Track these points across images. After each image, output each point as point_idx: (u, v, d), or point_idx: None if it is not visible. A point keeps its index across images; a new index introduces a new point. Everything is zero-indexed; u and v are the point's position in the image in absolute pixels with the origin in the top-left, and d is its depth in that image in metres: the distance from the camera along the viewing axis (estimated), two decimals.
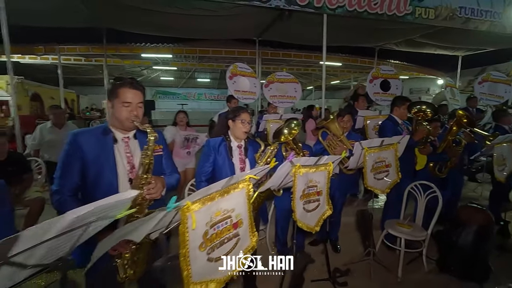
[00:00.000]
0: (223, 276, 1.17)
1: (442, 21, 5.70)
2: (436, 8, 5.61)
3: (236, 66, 5.14)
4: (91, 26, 7.84)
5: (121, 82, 1.35)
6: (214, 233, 1.13)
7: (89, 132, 1.39)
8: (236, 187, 1.22)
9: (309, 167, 1.69)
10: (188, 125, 3.89)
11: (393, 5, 5.32)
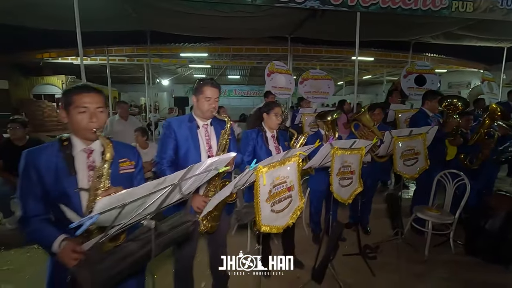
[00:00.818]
0: (281, 225, 1.58)
1: (481, 14, 5.60)
2: (475, 1, 5.52)
3: (273, 64, 5.53)
4: (138, 29, 8.67)
5: (204, 82, 1.80)
6: (275, 192, 1.55)
7: (179, 119, 1.86)
8: (290, 160, 1.62)
9: (345, 150, 2.05)
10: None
11: (428, 0, 5.35)
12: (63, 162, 1.22)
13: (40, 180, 1.18)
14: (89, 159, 1.27)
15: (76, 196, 1.21)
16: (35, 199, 1.19)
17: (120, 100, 16.99)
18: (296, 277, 2.57)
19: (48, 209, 1.22)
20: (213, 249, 2.09)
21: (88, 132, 1.22)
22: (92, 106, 1.23)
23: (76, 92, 1.23)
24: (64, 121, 1.25)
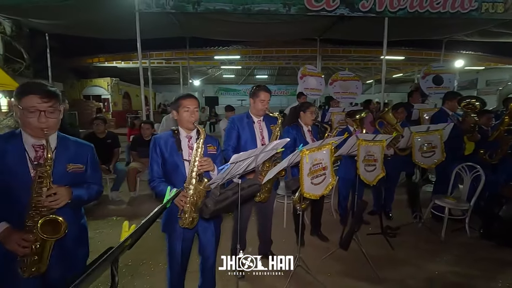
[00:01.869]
0: (318, 193, 2.15)
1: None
2: (506, 1, 5.60)
3: (305, 68, 6.06)
4: (179, 35, 9.56)
5: (260, 87, 2.39)
6: (314, 169, 2.11)
7: (240, 117, 2.48)
8: (325, 146, 2.18)
9: (368, 141, 2.56)
10: None
11: (457, 2, 5.54)
12: (174, 143, 1.89)
13: (162, 154, 1.87)
14: (189, 142, 1.93)
15: (182, 165, 1.87)
16: (158, 166, 1.88)
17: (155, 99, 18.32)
18: (325, 246, 3.11)
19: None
20: (262, 218, 2.70)
21: (189, 124, 1.87)
22: (193, 107, 1.87)
23: (183, 98, 1.89)
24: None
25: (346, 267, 2.79)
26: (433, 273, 2.71)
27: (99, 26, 7.33)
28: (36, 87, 1.34)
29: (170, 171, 1.89)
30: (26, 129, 1.37)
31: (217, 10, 5.47)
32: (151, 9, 5.46)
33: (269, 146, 1.69)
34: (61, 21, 7.18)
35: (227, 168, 1.43)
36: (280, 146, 1.77)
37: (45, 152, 1.34)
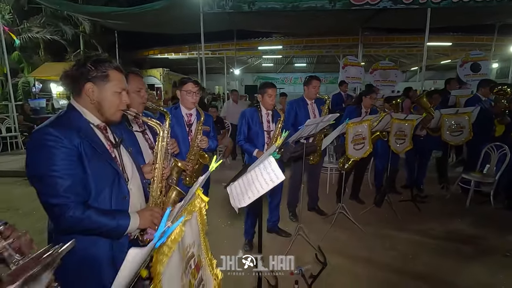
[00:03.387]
0: (358, 156, 2.92)
1: None
2: None
3: (347, 59, 6.64)
4: (227, 28, 10.49)
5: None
6: (356, 138, 2.87)
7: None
8: (365, 122, 2.91)
9: (400, 120, 3.22)
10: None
11: None
12: (258, 117, 2.78)
13: (248, 123, 2.78)
14: (268, 117, 2.81)
15: (262, 133, 2.75)
16: (245, 130, 2.79)
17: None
18: (363, 207, 3.86)
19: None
20: (312, 178, 3.53)
21: (270, 106, 2.75)
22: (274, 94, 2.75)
23: (268, 86, 2.76)
24: (260, 100, 2.81)
25: (378, 220, 3.53)
26: (452, 228, 3.34)
27: (165, 24, 8.52)
28: (191, 80, 2.31)
29: (253, 136, 2.77)
30: (184, 104, 2.34)
31: (269, 8, 6.23)
32: (213, 10, 6.40)
33: (325, 118, 2.49)
34: (133, 21, 8.50)
35: (300, 130, 2.26)
36: (332, 119, 2.57)
37: (191, 118, 2.31)
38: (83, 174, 1.13)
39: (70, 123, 1.16)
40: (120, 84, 1.24)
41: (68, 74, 1.22)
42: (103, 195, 1.18)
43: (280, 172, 1.22)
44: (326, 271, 2.48)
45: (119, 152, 1.29)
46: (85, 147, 1.14)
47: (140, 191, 1.35)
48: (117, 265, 1.00)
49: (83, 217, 1.07)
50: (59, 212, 1.07)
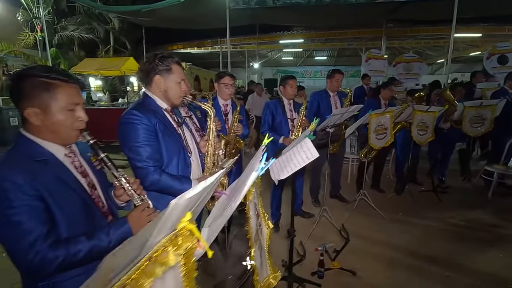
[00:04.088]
0: (380, 145, 3.09)
1: None
2: None
3: (370, 52, 6.67)
4: (250, 23, 10.67)
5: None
6: (378, 128, 3.05)
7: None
8: (387, 113, 3.07)
9: (422, 112, 3.34)
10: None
11: None
12: (281, 107, 3.03)
13: (272, 113, 3.00)
14: (290, 106, 3.04)
15: (286, 122, 3.00)
16: (269, 120, 3.01)
17: None
18: (383, 196, 4.02)
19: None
20: (335, 166, 3.73)
21: (292, 96, 2.98)
22: (295, 85, 2.99)
23: (290, 78, 2.99)
24: (281, 90, 3.04)
25: (398, 207, 3.68)
26: (472, 217, 3.44)
27: (190, 19, 8.86)
28: (228, 73, 2.57)
29: (277, 125, 3.00)
30: (221, 95, 2.64)
31: (293, 3, 6.37)
32: (239, 6, 6.63)
33: (350, 108, 2.69)
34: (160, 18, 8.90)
35: (327, 119, 2.49)
36: (356, 110, 2.76)
37: (227, 108, 2.60)
38: (158, 146, 1.44)
39: (147, 107, 1.48)
40: (180, 75, 1.54)
41: (142, 69, 1.54)
42: (173, 163, 1.51)
43: (314, 151, 1.46)
44: (347, 250, 2.72)
45: (183, 130, 1.60)
46: (159, 125, 1.46)
47: (198, 163, 1.65)
48: None
49: (160, 179, 1.40)
50: (143, 174, 1.40)
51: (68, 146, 1.06)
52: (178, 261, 0.44)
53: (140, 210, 1.06)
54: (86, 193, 1.05)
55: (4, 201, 0.85)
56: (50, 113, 0.95)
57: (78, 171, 1.06)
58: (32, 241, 0.86)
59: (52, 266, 0.88)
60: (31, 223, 0.87)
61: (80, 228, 0.98)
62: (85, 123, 1.04)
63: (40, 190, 0.90)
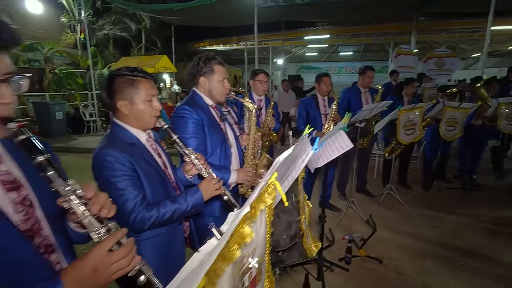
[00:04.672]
0: (408, 141, 3.17)
1: None
2: None
3: (400, 48, 6.58)
4: (276, 20, 10.77)
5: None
6: (407, 124, 3.12)
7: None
8: (416, 109, 3.13)
9: (453, 108, 3.35)
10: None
11: None
12: (314, 104, 3.17)
13: (306, 110, 3.17)
14: (324, 102, 3.19)
15: (319, 117, 3.15)
16: (305, 116, 3.19)
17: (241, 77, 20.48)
18: (410, 191, 4.06)
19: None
20: (362, 161, 3.83)
21: (326, 93, 3.12)
22: (328, 81, 3.12)
23: (324, 76, 3.14)
24: (316, 87, 3.19)
25: (426, 203, 3.72)
26: (503, 215, 3.41)
27: (217, 17, 9.15)
28: (262, 71, 2.78)
29: (311, 120, 3.17)
30: (255, 91, 2.85)
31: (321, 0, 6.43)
32: (267, 4, 6.81)
33: (380, 104, 2.80)
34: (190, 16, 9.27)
35: (358, 114, 2.62)
36: (386, 105, 2.86)
37: (261, 103, 2.80)
38: (204, 138, 1.67)
39: (196, 103, 1.71)
40: (222, 74, 1.73)
41: (189, 72, 1.76)
42: (215, 154, 1.72)
43: (349, 141, 1.63)
44: (373, 240, 2.85)
45: (224, 125, 1.82)
46: (205, 119, 1.68)
47: (237, 155, 1.86)
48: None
49: None
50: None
51: (147, 132, 1.30)
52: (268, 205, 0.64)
53: (208, 180, 1.24)
54: (161, 170, 1.26)
55: (110, 171, 1.09)
56: (135, 104, 1.17)
57: (155, 152, 1.28)
58: (134, 204, 1.09)
59: (148, 223, 1.10)
60: (131, 189, 1.10)
61: (159, 197, 1.19)
62: (159, 111, 1.24)
63: (133, 164, 1.13)
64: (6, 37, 0.60)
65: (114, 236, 0.64)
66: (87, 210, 0.64)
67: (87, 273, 0.60)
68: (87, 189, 0.66)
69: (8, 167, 0.69)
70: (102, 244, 0.62)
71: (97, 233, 0.64)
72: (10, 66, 0.63)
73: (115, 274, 0.64)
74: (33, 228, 0.70)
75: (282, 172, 0.79)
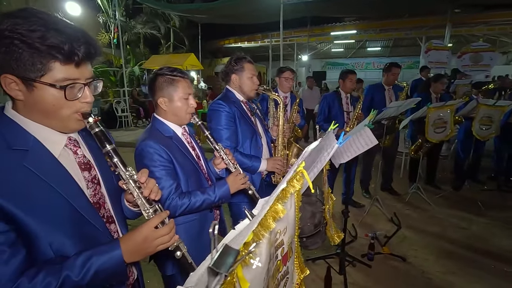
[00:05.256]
0: (438, 139, 3.09)
1: None
2: None
3: (431, 43, 6.31)
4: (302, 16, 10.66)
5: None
6: (437, 122, 3.04)
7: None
8: (448, 107, 3.04)
9: (488, 106, 3.21)
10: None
11: None
12: (337, 101, 3.18)
13: (329, 106, 3.18)
14: (347, 100, 3.18)
15: (342, 114, 3.15)
16: (326, 111, 3.20)
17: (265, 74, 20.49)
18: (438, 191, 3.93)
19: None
20: (387, 159, 3.77)
21: (350, 90, 3.11)
22: (354, 78, 3.11)
23: (350, 73, 3.11)
24: (340, 84, 3.18)
25: (455, 204, 3.60)
26: None
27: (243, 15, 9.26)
28: (288, 68, 2.84)
29: (333, 117, 3.17)
30: (281, 88, 2.92)
31: None
32: (293, 0, 6.78)
33: (406, 102, 2.76)
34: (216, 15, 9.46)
35: (384, 111, 2.61)
36: (413, 103, 2.81)
37: (287, 100, 2.87)
38: (235, 130, 1.79)
39: (229, 98, 1.84)
40: (251, 72, 1.86)
41: (223, 70, 1.91)
42: (246, 145, 1.86)
43: (373, 138, 1.66)
44: (397, 238, 2.83)
45: (255, 118, 1.92)
46: (237, 113, 1.81)
47: (267, 146, 1.97)
48: None
49: (234, 156, 1.73)
50: None
51: (183, 127, 1.42)
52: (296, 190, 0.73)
53: (235, 175, 1.35)
54: (195, 162, 1.37)
55: (149, 161, 1.22)
56: (173, 101, 1.29)
57: (189, 146, 1.40)
58: (168, 192, 1.21)
59: (179, 210, 1.23)
60: (167, 178, 1.23)
61: (192, 187, 1.31)
62: (194, 109, 1.34)
63: (170, 155, 1.25)
64: (93, 50, 0.73)
65: (160, 216, 0.77)
66: (140, 193, 0.77)
67: (139, 242, 0.74)
68: (141, 175, 0.79)
69: (83, 152, 0.84)
70: (150, 221, 0.75)
71: (147, 212, 0.78)
72: (91, 72, 0.76)
73: (159, 246, 0.76)
74: (99, 202, 0.85)
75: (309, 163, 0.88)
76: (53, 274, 0.65)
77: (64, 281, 0.65)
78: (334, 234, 1.25)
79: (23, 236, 0.66)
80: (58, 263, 0.67)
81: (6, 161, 0.67)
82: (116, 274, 0.73)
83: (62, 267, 0.66)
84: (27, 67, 0.65)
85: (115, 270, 0.72)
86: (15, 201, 0.64)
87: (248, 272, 0.53)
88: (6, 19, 0.62)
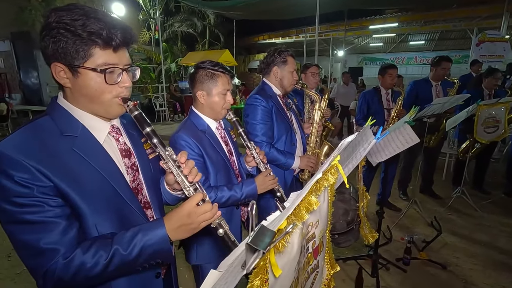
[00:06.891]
0: (487, 140, 2.81)
1: None
2: None
3: (485, 34, 5.73)
4: (339, 9, 10.27)
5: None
6: (487, 121, 2.77)
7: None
8: (502, 104, 2.75)
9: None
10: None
11: None
12: (377, 97, 3.03)
13: (367, 103, 3.04)
14: (387, 96, 3.02)
15: (382, 111, 3.00)
16: (364, 109, 3.07)
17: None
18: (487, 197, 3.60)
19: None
20: (429, 160, 3.53)
21: (390, 86, 2.96)
22: (394, 74, 2.94)
23: (390, 68, 2.94)
24: (380, 80, 3.01)
25: (507, 211, 3.26)
26: None
27: (278, 10, 9.17)
28: (314, 64, 2.82)
29: (373, 115, 3.03)
30: (308, 83, 2.85)
31: None
32: None
33: (453, 98, 2.55)
34: (252, 11, 9.48)
35: (426, 108, 2.44)
36: (461, 100, 2.59)
37: None
38: (271, 125, 1.77)
39: (266, 92, 1.82)
40: (293, 66, 1.84)
41: (263, 61, 1.88)
42: (281, 140, 1.83)
43: (415, 135, 1.57)
44: (437, 244, 2.65)
45: (290, 114, 1.90)
46: (273, 107, 1.79)
47: (301, 142, 1.94)
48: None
49: (269, 152, 1.73)
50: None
51: (218, 121, 1.44)
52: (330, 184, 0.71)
53: (265, 175, 1.33)
54: (226, 157, 1.38)
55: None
56: (211, 95, 1.30)
57: (222, 140, 1.41)
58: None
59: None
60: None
61: (221, 182, 1.33)
62: (230, 105, 1.35)
63: (201, 149, 1.27)
64: (129, 36, 0.76)
65: (201, 193, 0.78)
66: (180, 172, 0.78)
67: (183, 217, 0.75)
68: (181, 156, 0.81)
69: (124, 140, 0.89)
70: (193, 198, 0.76)
71: (187, 190, 0.79)
72: (128, 59, 0.80)
73: (202, 223, 0.77)
74: (138, 188, 0.89)
75: (344, 158, 0.86)
76: (104, 247, 0.70)
77: (114, 254, 0.70)
78: (368, 233, 1.21)
79: (75, 214, 0.72)
80: (109, 238, 0.72)
81: (59, 145, 0.73)
82: (162, 250, 0.75)
83: (113, 241, 0.71)
84: (72, 55, 0.71)
85: (160, 246, 0.74)
86: (67, 181, 0.70)
87: (280, 259, 0.53)
88: (53, 13, 0.69)
